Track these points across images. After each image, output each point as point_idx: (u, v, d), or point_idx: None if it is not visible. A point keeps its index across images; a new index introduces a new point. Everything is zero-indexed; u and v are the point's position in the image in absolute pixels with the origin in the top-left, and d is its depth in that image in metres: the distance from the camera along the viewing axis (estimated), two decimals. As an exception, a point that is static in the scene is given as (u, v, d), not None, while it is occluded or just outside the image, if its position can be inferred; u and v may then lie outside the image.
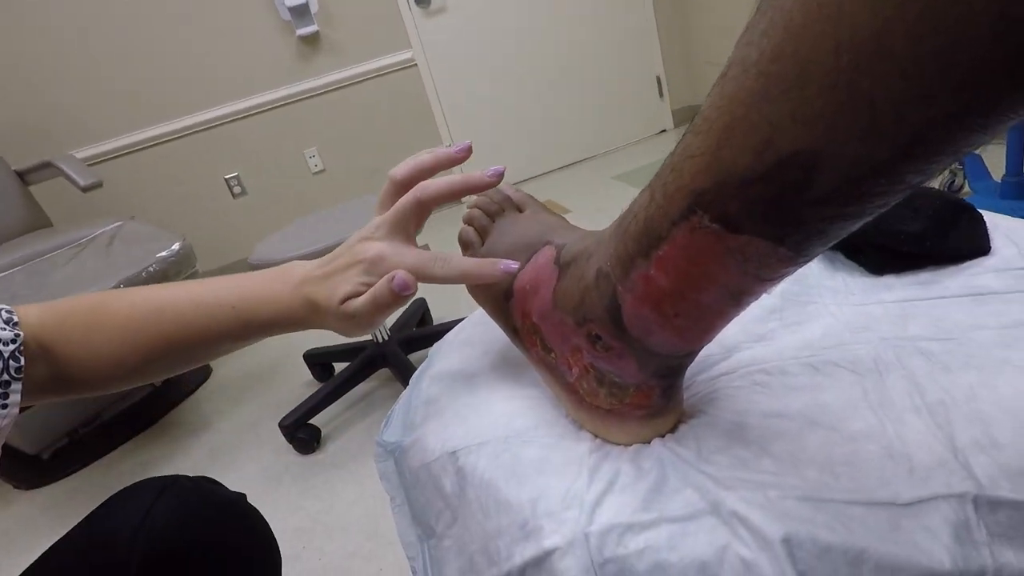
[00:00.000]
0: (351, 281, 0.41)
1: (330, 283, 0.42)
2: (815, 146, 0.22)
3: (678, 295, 0.29)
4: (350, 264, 0.42)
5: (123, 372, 0.43)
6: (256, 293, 0.44)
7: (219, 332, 0.44)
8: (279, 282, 0.44)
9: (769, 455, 0.34)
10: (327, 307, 0.42)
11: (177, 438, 1.66)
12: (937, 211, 0.46)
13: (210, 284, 0.45)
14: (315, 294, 0.42)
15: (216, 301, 0.43)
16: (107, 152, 2.66)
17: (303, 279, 0.43)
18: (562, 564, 0.33)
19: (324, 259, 0.44)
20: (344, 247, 0.44)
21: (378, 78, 2.89)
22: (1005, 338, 0.37)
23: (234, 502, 0.49)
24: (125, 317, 0.43)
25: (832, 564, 0.28)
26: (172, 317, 0.43)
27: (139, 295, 0.44)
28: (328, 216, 1.58)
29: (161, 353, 0.43)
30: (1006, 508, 0.29)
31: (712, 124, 0.25)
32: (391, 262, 0.41)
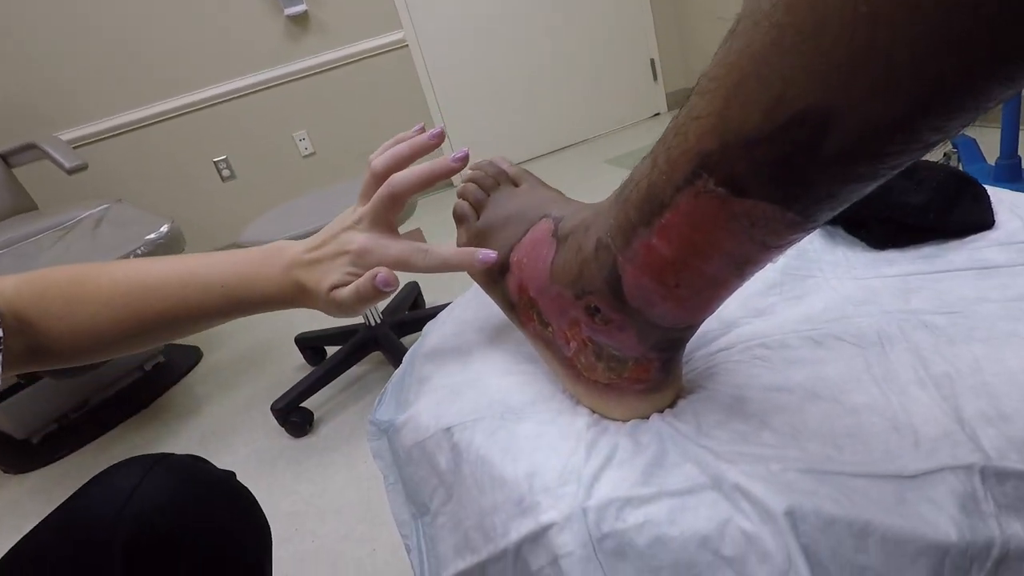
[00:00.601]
0: (338, 271, 0.42)
1: (319, 270, 0.43)
2: (828, 102, 0.21)
3: (681, 264, 0.28)
4: (337, 253, 0.43)
5: (104, 346, 0.42)
6: (245, 273, 0.44)
7: (207, 311, 0.44)
8: (268, 263, 0.44)
9: (769, 428, 0.33)
10: (315, 292, 0.43)
11: (168, 422, 1.65)
12: (941, 184, 0.45)
13: (197, 261, 0.44)
14: (304, 278, 0.43)
15: (205, 280, 0.43)
16: (93, 134, 2.61)
17: (292, 262, 0.44)
18: (559, 539, 0.32)
19: (311, 242, 0.45)
20: (328, 232, 0.45)
21: (369, 59, 2.85)
22: (1011, 311, 0.36)
23: (223, 480, 0.48)
24: (108, 293, 0.42)
25: (836, 537, 0.28)
26: (159, 295, 0.43)
27: (122, 270, 0.43)
28: (318, 198, 1.56)
29: (146, 329, 0.43)
30: (1014, 479, 0.28)
31: (720, 82, 0.24)
32: (376, 254, 0.43)
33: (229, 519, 0.47)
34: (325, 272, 0.43)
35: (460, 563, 0.39)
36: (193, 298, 0.43)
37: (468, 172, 0.50)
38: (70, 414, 1.72)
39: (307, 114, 2.86)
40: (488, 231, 0.45)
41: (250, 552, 0.48)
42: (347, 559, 1.03)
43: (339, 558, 1.04)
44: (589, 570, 0.31)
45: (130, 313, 0.42)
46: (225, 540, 0.46)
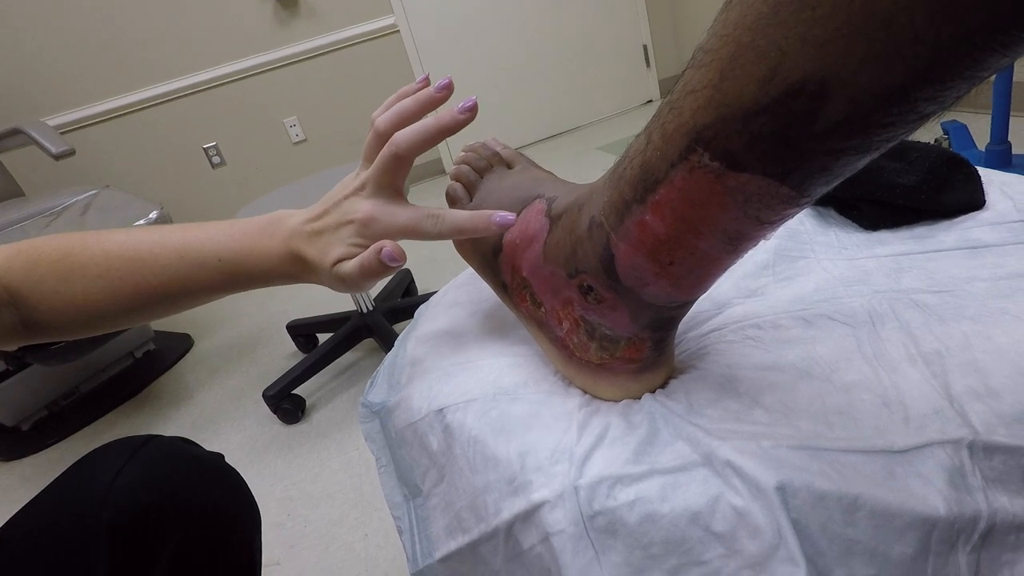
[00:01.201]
0: (343, 242, 0.40)
1: (321, 242, 0.40)
2: (825, 72, 0.20)
3: (674, 241, 0.28)
4: (340, 223, 0.40)
5: (100, 320, 0.41)
6: (243, 246, 0.42)
7: (205, 285, 0.42)
8: (267, 235, 0.42)
9: (761, 406, 0.33)
10: (319, 267, 0.40)
11: (159, 409, 1.64)
12: (932, 165, 0.45)
13: (193, 232, 0.42)
14: (305, 251, 0.41)
15: (201, 253, 0.41)
16: (81, 119, 2.58)
17: (292, 233, 0.42)
18: (551, 517, 0.32)
19: (313, 211, 0.42)
20: (330, 200, 0.42)
21: (359, 45, 2.82)
22: (1001, 289, 0.37)
23: (211, 460, 0.48)
24: (102, 265, 0.40)
25: (827, 511, 0.28)
26: (154, 269, 0.41)
27: (114, 241, 0.41)
28: (310, 184, 1.55)
29: (142, 303, 0.41)
30: (1001, 453, 0.29)
31: (716, 55, 0.24)
32: (383, 223, 0.40)
33: (217, 497, 0.47)
34: (328, 244, 0.40)
35: (452, 543, 0.39)
36: (189, 273, 0.41)
37: (461, 155, 0.50)
38: (60, 401, 1.71)
39: (298, 100, 2.83)
40: None
41: (239, 531, 0.48)
42: (339, 544, 1.04)
43: (331, 543, 1.04)
44: (580, 547, 0.31)
45: (125, 287, 0.40)
46: (213, 518, 0.45)
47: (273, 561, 1.03)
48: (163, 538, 0.42)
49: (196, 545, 0.44)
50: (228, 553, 0.47)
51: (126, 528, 0.41)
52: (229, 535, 0.47)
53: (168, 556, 0.42)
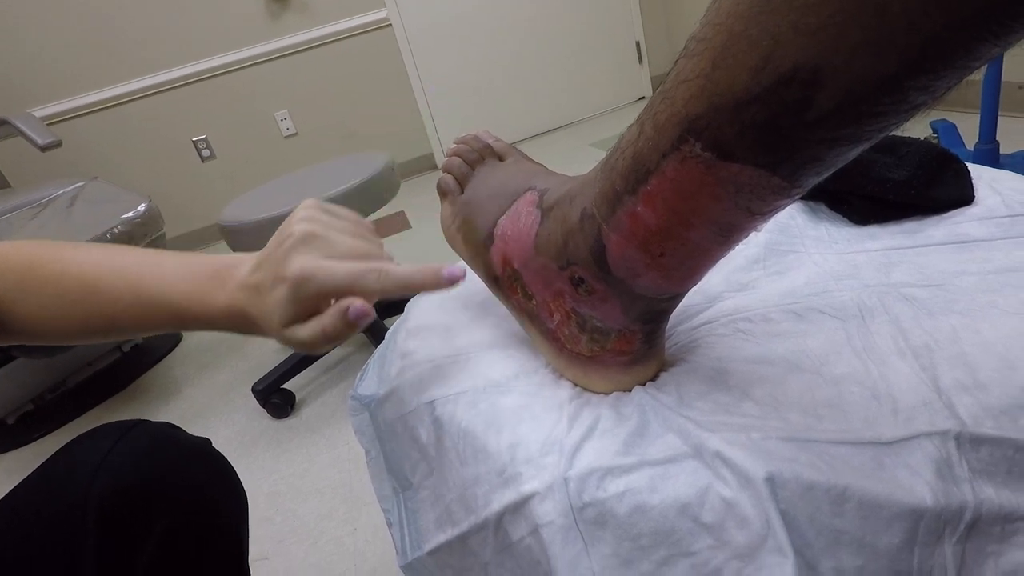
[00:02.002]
0: (280, 304, 0.36)
1: (261, 300, 0.37)
2: (817, 60, 0.20)
3: (666, 232, 0.28)
4: (275, 279, 0.36)
5: (56, 336, 0.41)
6: (192, 293, 0.39)
7: (154, 324, 0.40)
8: (217, 284, 0.39)
9: (751, 399, 0.34)
10: (267, 328, 0.37)
11: (146, 404, 1.63)
12: (923, 160, 0.45)
13: (149, 267, 0.40)
14: (249, 308, 0.37)
15: (152, 294, 0.39)
16: (68, 111, 2.54)
17: (238, 285, 0.38)
18: (541, 508, 0.32)
19: (255, 260, 0.38)
20: (269, 247, 0.38)
21: (351, 38, 2.80)
22: (989, 283, 0.37)
23: (199, 444, 0.48)
24: (58, 287, 0.39)
25: (815, 502, 0.28)
26: (105, 300, 0.39)
27: (75, 262, 0.40)
28: (300, 178, 1.54)
29: (91, 330, 0.40)
30: (988, 445, 0.29)
31: (708, 43, 0.23)
32: (317, 281, 0.35)
33: (205, 480, 0.46)
34: (268, 305, 0.36)
35: (441, 536, 0.39)
36: (139, 311, 0.39)
37: (453, 147, 0.49)
38: (46, 395, 1.69)
39: (289, 94, 2.81)
40: (473, 204, 0.44)
41: (226, 514, 0.48)
42: (328, 538, 1.03)
43: (320, 537, 1.04)
44: (569, 539, 0.31)
45: (76, 312, 0.40)
46: (201, 500, 0.45)
47: (261, 555, 1.03)
48: (150, 520, 0.42)
49: (183, 527, 0.44)
50: (215, 535, 0.47)
51: (113, 510, 0.41)
52: (216, 518, 0.47)
53: (155, 538, 0.42)
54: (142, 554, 0.42)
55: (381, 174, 1.36)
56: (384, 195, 1.38)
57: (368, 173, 1.34)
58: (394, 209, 2.56)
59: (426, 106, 3.02)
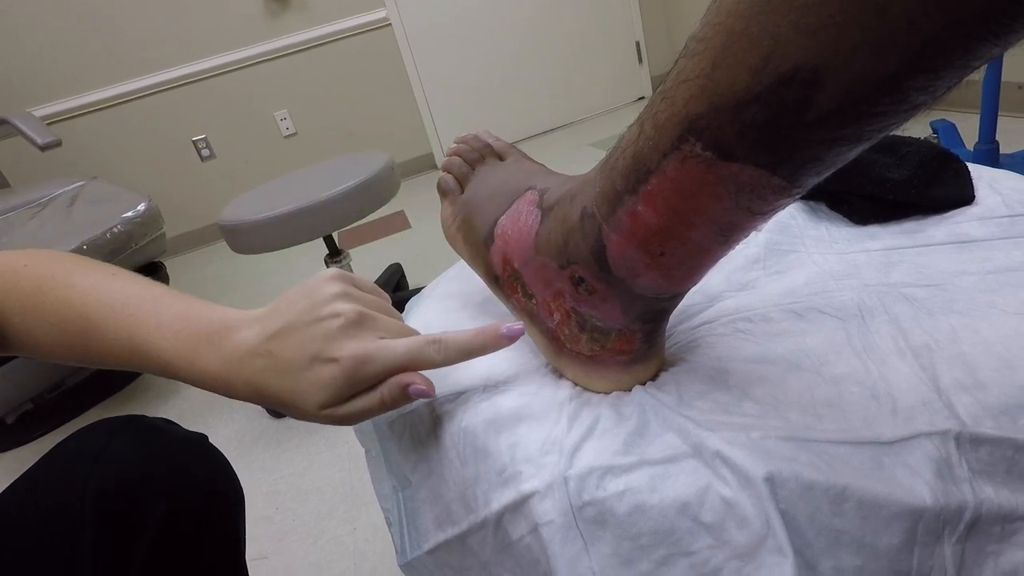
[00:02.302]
0: (324, 387, 0.33)
1: (287, 377, 0.34)
2: (818, 60, 0.20)
3: (666, 232, 0.28)
4: (317, 359, 0.34)
5: (58, 358, 0.40)
6: (184, 353, 0.36)
7: (149, 371, 0.39)
8: (211, 347, 0.36)
9: (751, 399, 0.34)
10: (296, 406, 0.35)
11: (146, 403, 1.63)
12: (923, 160, 0.45)
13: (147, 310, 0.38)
14: (266, 385, 0.35)
15: (145, 343, 0.37)
16: (68, 110, 2.55)
17: (245, 353, 0.35)
18: (540, 508, 0.32)
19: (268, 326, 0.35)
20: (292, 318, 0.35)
21: (350, 38, 2.80)
22: (989, 283, 0.37)
23: (195, 439, 0.48)
24: (60, 316, 0.39)
25: (814, 502, 0.28)
26: (105, 339, 0.38)
27: (79, 290, 0.39)
28: (299, 178, 1.54)
29: (92, 362, 0.40)
30: (988, 445, 0.29)
31: (709, 43, 0.23)
32: (378, 363, 0.34)
33: (201, 474, 0.47)
34: (303, 384, 0.34)
35: (440, 535, 0.39)
36: (130, 357, 0.38)
37: (453, 146, 0.50)
38: (46, 394, 1.69)
39: (288, 93, 2.81)
40: (473, 204, 0.44)
41: (223, 509, 0.48)
42: (328, 537, 1.03)
43: (320, 536, 1.04)
44: (569, 538, 0.31)
45: (77, 344, 0.39)
46: (197, 494, 0.45)
47: (261, 554, 1.03)
48: (147, 513, 0.42)
49: (180, 520, 0.44)
50: (212, 529, 0.47)
51: (110, 504, 0.41)
52: (213, 512, 0.47)
53: (152, 531, 0.42)
54: (139, 547, 0.42)
55: (381, 174, 1.36)
56: (384, 195, 1.38)
57: (368, 173, 1.34)
58: (394, 209, 2.56)
59: (426, 106, 3.02)
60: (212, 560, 0.47)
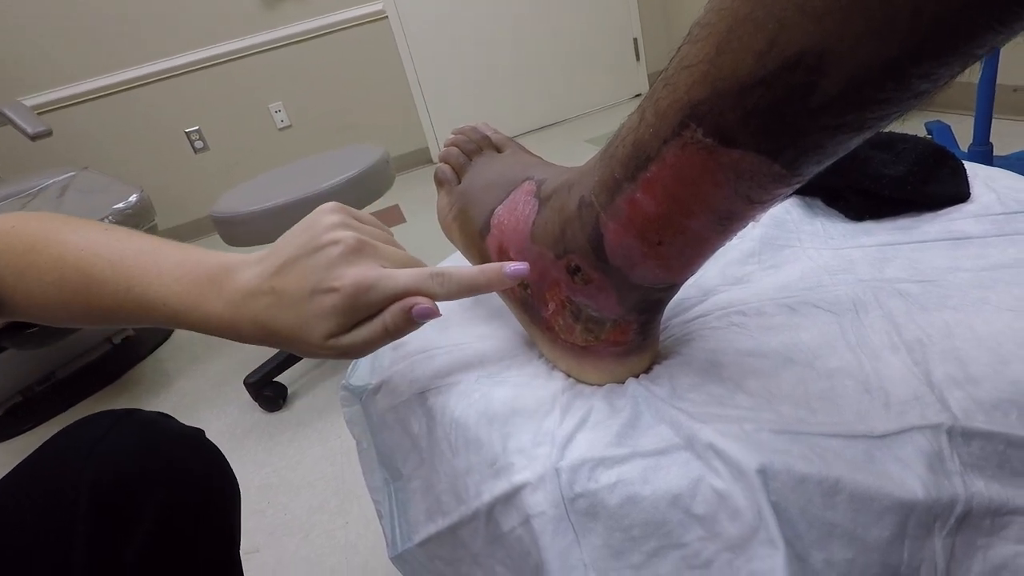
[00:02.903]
0: (327, 316, 0.33)
1: (291, 311, 0.34)
2: (823, 45, 0.20)
3: (664, 220, 0.28)
4: (317, 289, 0.33)
5: (53, 319, 0.40)
6: (188, 297, 0.36)
7: (153, 321, 0.38)
8: (213, 290, 0.36)
9: (744, 391, 0.33)
10: (300, 342, 0.34)
11: (137, 396, 1.62)
12: (919, 157, 0.45)
13: (147, 261, 0.37)
14: (274, 323, 0.34)
15: (147, 292, 0.37)
16: (59, 100, 2.52)
17: (247, 294, 0.35)
18: (532, 499, 0.32)
19: (269, 262, 0.35)
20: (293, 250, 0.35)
21: (346, 30, 2.79)
22: (982, 280, 0.37)
23: (191, 433, 0.47)
24: (56, 273, 0.38)
25: (807, 494, 0.28)
26: (104, 292, 0.37)
27: (72, 246, 0.38)
28: (294, 169, 1.53)
29: (92, 318, 0.39)
30: (979, 439, 0.29)
31: (713, 28, 0.23)
32: (379, 290, 0.33)
33: (197, 468, 0.46)
34: (306, 316, 0.34)
35: (431, 527, 0.39)
36: (134, 308, 0.37)
37: (451, 137, 0.49)
38: (35, 387, 1.68)
39: (283, 85, 2.79)
40: (470, 194, 0.44)
41: (218, 503, 0.48)
42: (319, 531, 1.03)
43: (312, 530, 1.03)
44: (560, 530, 0.31)
45: (77, 301, 0.38)
46: (192, 488, 0.45)
47: (253, 548, 1.02)
48: (142, 507, 0.41)
49: (176, 514, 0.43)
50: (207, 524, 0.46)
51: (105, 497, 0.40)
52: (208, 507, 0.46)
53: (146, 525, 0.42)
54: (134, 541, 0.42)
55: (376, 167, 1.35)
56: (379, 188, 1.38)
57: (363, 166, 1.33)
58: (389, 203, 2.55)
59: (422, 100, 3.00)
60: (207, 555, 0.47)
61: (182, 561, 0.45)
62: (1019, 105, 1.81)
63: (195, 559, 0.46)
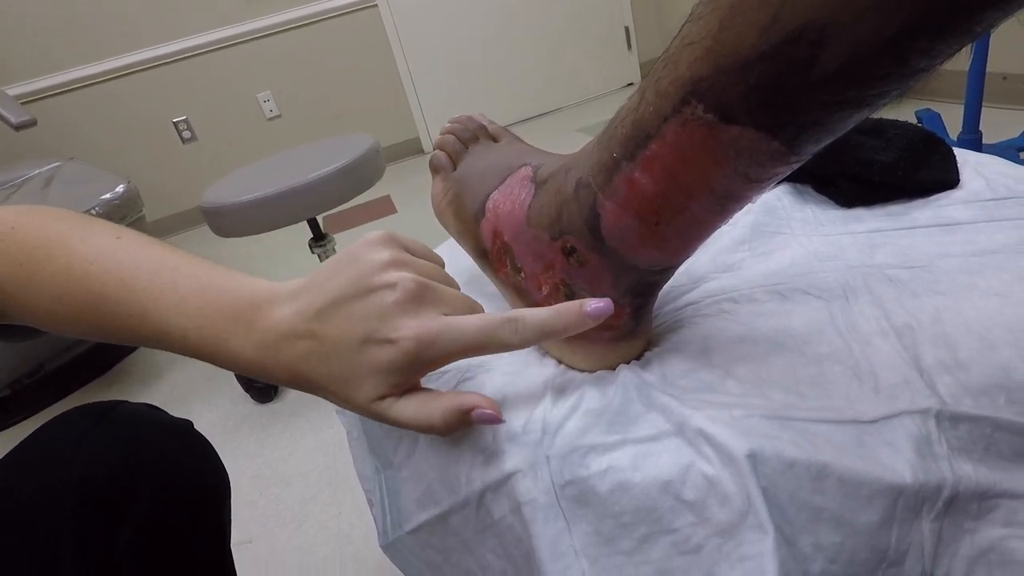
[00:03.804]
0: (381, 375, 0.30)
1: (335, 362, 0.30)
2: (825, 19, 0.20)
3: (663, 200, 0.28)
4: (371, 340, 0.30)
5: (53, 329, 0.37)
6: (209, 333, 0.32)
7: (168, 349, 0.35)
8: (240, 327, 0.32)
9: (734, 378, 0.33)
10: (344, 396, 0.31)
11: (127, 388, 1.61)
12: (910, 143, 0.45)
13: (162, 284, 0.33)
14: (312, 372, 0.31)
15: (165, 321, 0.33)
16: (44, 89, 2.49)
17: (282, 335, 0.31)
18: (522, 486, 0.32)
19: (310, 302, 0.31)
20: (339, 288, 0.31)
21: (336, 18, 2.76)
22: (971, 265, 0.37)
23: (179, 425, 0.47)
24: (59, 288, 0.34)
25: (796, 479, 0.28)
26: (116, 313, 0.34)
27: (79, 257, 0.35)
28: (284, 160, 1.51)
29: (107, 337, 0.36)
30: (967, 423, 0.29)
31: (715, 5, 0.24)
32: (443, 344, 0.30)
33: (186, 460, 0.46)
34: (348, 370, 0.30)
35: (422, 515, 0.39)
36: (148, 335, 0.34)
37: (447, 125, 0.50)
38: (24, 379, 1.66)
39: (272, 75, 2.76)
40: (465, 180, 0.44)
41: (208, 496, 0.47)
42: (312, 521, 1.03)
43: (304, 520, 1.04)
44: (551, 517, 0.31)
45: (83, 319, 0.35)
46: (181, 482, 0.44)
47: (245, 539, 1.02)
48: (131, 500, 0.41)
49: (165, 508, 0.43)
50: (197, 517, 0.46)
51: (93, 490, 0.40)
52: (198, 500, 0.46)
53: (135, 520, 0.41)
54: (123, 535, 0.41)
55: (366, 156, 1.34)
56: (369, 178, 1.37)
57: (353, 155, 1.32)
58: (380, 193, 2.54)
59: (412, 90, 2.98)
60: (197, 549, 0.47)
61: (173, 554, 0.45)
62: (1009, 93, 1.82)
63: (186, 552, 0.46)
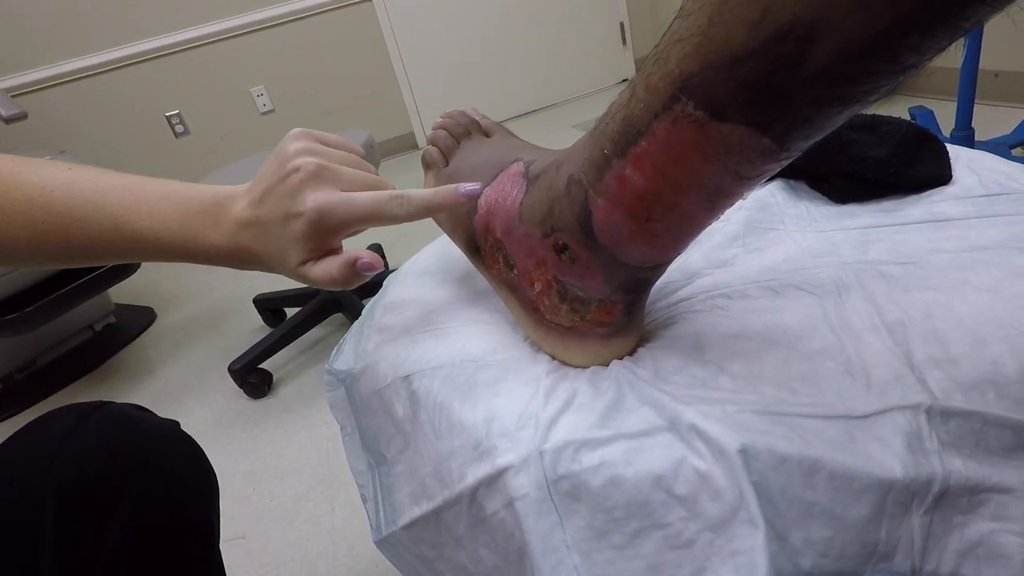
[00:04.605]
0: (297, 242, 0.36)
1: (272, 238, 0.37)
2: (814, 15, 0.20)
3: (653, 197, 0.28)
4: (286, 215, 0.36)
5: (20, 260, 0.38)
6: (184, 231, 0.38)
7: (139, 254, 0.39)
8: (210, 222, 0.38)
9: (727, 374, 0.34)
10: (279, 267, 0.38)
11: (119, 384, 1.60)
12: (903, 139, 0.45)
13: (131, 198, 0.38)
14: (256, 247, 0.37)
15: (138, 229, 0.37)
16: (34, 82, 2.46)
17: (239, 222, 0.37)
18: (515, 482, 0.32)
19: (254, 191, 0.37)
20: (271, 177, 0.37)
21: (330, 12, 2.74)
22: (963, 261, 0.37)
23: (165, 426, 0.46)
24: (24, 216, 0.36)
25: (787, 474, 0.28)
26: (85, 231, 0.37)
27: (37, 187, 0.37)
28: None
29: (79, 257, 0.38)
30: (957, 418, 0.29)
31: (704, 1, 0.23)
32: (339, 214, 0.36)
33: (171, 464, 0.45)
34: (281, 242, 0.36)
35: (416, 510, 0.39)
36: (122, 245, 0.38)
37: (439, 120, 0.49)
38: (15, 374, 1.65)
39: (266, 69, 2.74)
40: (457, 177, 0.44)
41: (194, 499, 0.47)
42: (305, 517, 1.03)
43: (297, 516, 1.03)
44: (543, 512, 0.31)
45: (53, 241, 0.37)
46: (166, 485, 0.44)
47: (238, 535, 1.02)
48: (113, 505, 0.40)
49: (149, 512, 0.42)
50: (183, 519, 0.45)
51: (74, 494, 0.39)
52: (183, 503, 0.45)
53: (118, 525, 0.41)
54: (106, 538, 0.40)
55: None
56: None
57: (347, 150, 1.31)
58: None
59: (407, 84, 2.97)
60: (185, 548, 0.46)
61: (160, 554, 0.44)
62: (1001, 90, 1.83)
63: (174, 551, 0.45)
